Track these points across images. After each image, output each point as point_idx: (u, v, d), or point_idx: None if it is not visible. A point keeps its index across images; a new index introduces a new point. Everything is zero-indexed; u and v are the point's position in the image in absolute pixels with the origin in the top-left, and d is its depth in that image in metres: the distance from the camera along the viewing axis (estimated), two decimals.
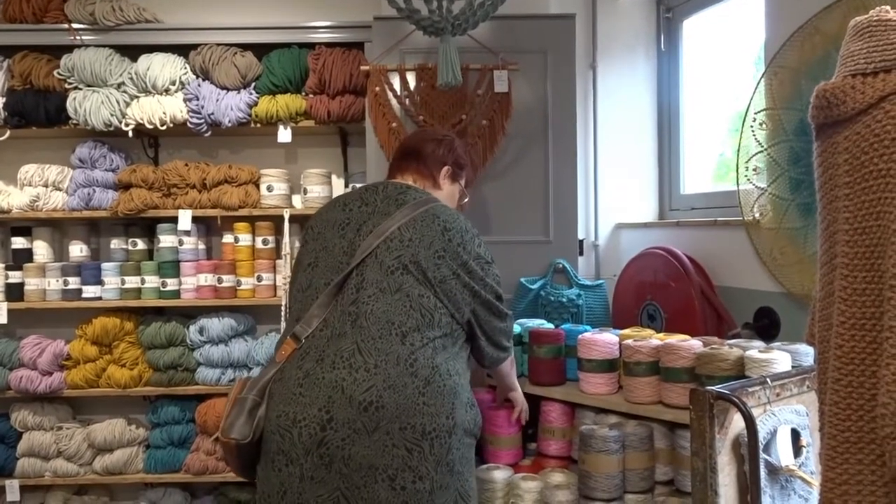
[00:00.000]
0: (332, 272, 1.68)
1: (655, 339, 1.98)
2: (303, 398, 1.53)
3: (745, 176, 2.30)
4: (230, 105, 3.07)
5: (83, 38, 3.11)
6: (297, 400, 1.53)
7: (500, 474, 2.07)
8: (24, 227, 3.27)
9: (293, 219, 3.18)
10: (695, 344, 1.86)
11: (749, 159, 2.28)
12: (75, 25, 3.11)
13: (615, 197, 3.15)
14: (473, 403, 1.66)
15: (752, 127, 2.26)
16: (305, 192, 3.20)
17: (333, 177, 3.33)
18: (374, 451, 1.49)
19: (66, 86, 3.10)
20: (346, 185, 3.29)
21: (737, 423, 1.44)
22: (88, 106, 3.05)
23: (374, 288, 1.62)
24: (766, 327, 2.22)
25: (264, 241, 3.21)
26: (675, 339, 1.93)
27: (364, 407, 1.50)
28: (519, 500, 1.99)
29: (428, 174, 1.92)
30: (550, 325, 2.36)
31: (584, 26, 3.10)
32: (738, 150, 2.31)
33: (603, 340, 2.04)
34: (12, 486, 3.13)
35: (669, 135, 3.10)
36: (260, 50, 3.17)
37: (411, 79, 2.83)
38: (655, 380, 1.91)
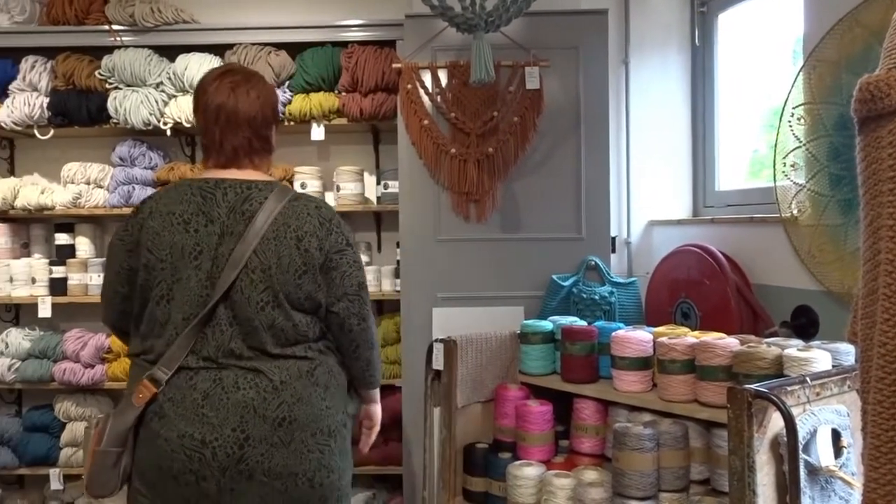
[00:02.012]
0: (192, 307, 1.58)
1: (690, 336, 1.96)
2: (209, 419, 1.54)
3: (783, 172, 2.26)
4: None
5: (123, 39, 3.18)
6: (203, 421, 1.54)
7: (532, 471, 2.08)
8: (67, 224, 3.35)
9: None
10: (731, 342, 1.84)
11: (786, 155, 2.25)
12: (116, 27, 3.18)
13: (648, 194, 3.13)
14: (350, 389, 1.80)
15: (789, 122, 2.23)
16: (338, 189, 3.23)
17: (366, 174, 3.35)
18: (294, 459, 1.58)
19: (107, 86, 3.17)
20: (378, 183, 3.31)
21: (775, 422, 1.42)
22: (128, 105, 3.12)
23: (248, 325, 1.59)
24: (805, 326, 2.18)
25: None
26: (710, 337, 1.91)
27: (278, 423, 1.57)
28: (552, 496, 1.99)
29: (268, 151, 1.74)
30: (583, 323, 2.35)
31: (617, 21, 3.08)
32: (775, 146, 2.28)
33: (637, 338, 2.03)
34: (56, 475, 3.22)
35: (704, 130, 3.06)
36: (294, 49, 3.20)
37: (443, 76, 2.84)
38: (691, 378, 1.89)
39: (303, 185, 3.21)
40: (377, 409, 1.93)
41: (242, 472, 1.55)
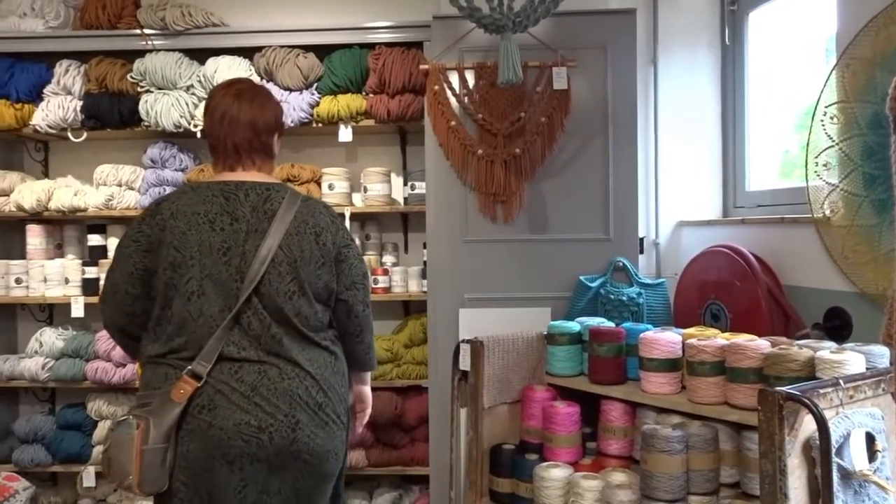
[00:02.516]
0: (226, 300, 1.70)
1: (720, 338, 1.94)
2: (261, 408, 1.68)
3: (815, 172, 2.23)
4: (293, 105, 3.14)
5: (154, 42, 3.24)
6: (257, 410, 1.68)
7: (559, 472, 2.07)
8: (100, 225, 3.42)
9: (354, 216, 3.23)
10: (762, 344, 1.82)
11: (819, 154, 2.21)
12: (147, 31, 3.24)
13: (677, 194, 3.10)
14: None
15: (822, 121, 2.19)
16: (365, 190, 3.25)
17: (393, 175, 3.37)
18: (328, 439, 1.77)
19: (139, 89, 3.23)
20: (405, 184, 3.33)
21: (807, 425, 1.40)
22: (159, 108, 3.17)
23: (278, 314, 1.73)
24: (837, 328, 2.14)
25: None
26: (741, 338, 1.89)
27: (317, 408, 1.75)
28: (579, 498, 1.98)
29: (269, 154, 1.89)
30: (610, 324, 2.33)
31: (645, 20, 3.06)
32: (807, 146, 2.25)
33: (665, 339, 2.01)
34: (88, 473, 3.28)
35: (734, 130, 3.03)
36: (322, 51, 3.23)
37: (470, 77, 2.84)
38: (721, 380, 1.87)
39: (330, 187, 3.23)
40: (369, 391, 2.09)
41: (293, 452, 1.71)
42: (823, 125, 2.19)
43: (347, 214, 3.17)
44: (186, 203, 1.76)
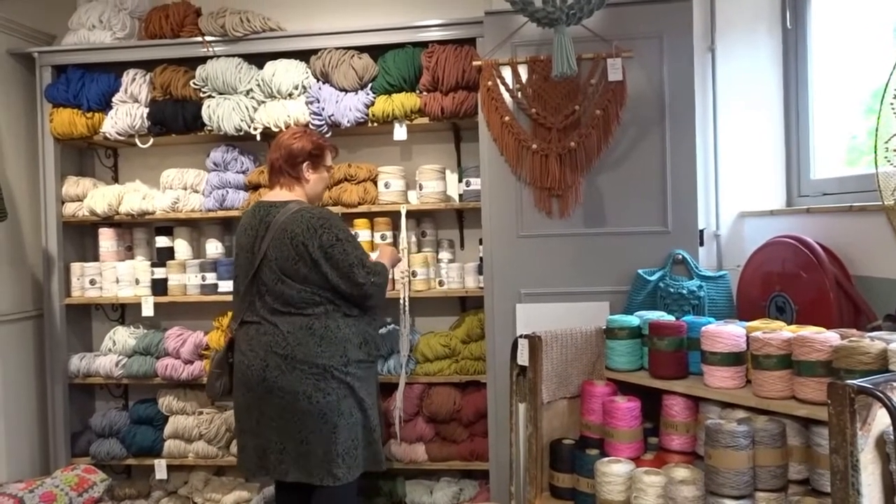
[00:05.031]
0: (244, 283, 2.49)
1: (787, 331, 1.89)
2: (251, 353, 2.45)
3: (885, 157, 2.14)
4: (349, 106, 3.19)
5: (215, 49, 3.33)
6: (248, 354, 2.46)
7: (621, 468, 2.05)
8: (167, 227, 3.54)
9: (410, 214, 3.26)
10: (831, 336, 1.77)
11: (889, 139, 2.13)
12: (208, 38, 3.33)
13: (738, 184, 3.03)
14: (366, 342, 2.51)
15: (892, 104, 2.11)
16: (421, 187, 3.28)
17: (447, 172, 3.39)
18: (294, 381, 2.38)
19: (201, 95, 3.33)
20: (460, 180, 3.34)
21: (881, 419, 1.36)
22: (221, 113, 3.26)
23: (271, 295, 2.44)
24: None
25: (382, 237, 3.32)
26: (808, 331, 1.84)
27: (284, 356, 2.40)
28: (642, 494, 1.96)
29: (293, 179, 2.55)
30: (671, 318, 2.30)
31: (702, 6, 2.99)
32: (877, 130, 2.16)
33: (728, 333, 1.97)
34: (160, 466, 3.40)
35: (797, 117, 2.93)
36: (376, 51, 3.27)
37: (523, 71, 2.84)
38: (787, 374, 1.82)
39: (386, 185, 3.27)
40: (390, 259, 2.72)
41: (266, 387, 2.41)
42: (893, 108, 2.10)
43: (403, 212, 3.20)
44: (243, 219, 2.58)
